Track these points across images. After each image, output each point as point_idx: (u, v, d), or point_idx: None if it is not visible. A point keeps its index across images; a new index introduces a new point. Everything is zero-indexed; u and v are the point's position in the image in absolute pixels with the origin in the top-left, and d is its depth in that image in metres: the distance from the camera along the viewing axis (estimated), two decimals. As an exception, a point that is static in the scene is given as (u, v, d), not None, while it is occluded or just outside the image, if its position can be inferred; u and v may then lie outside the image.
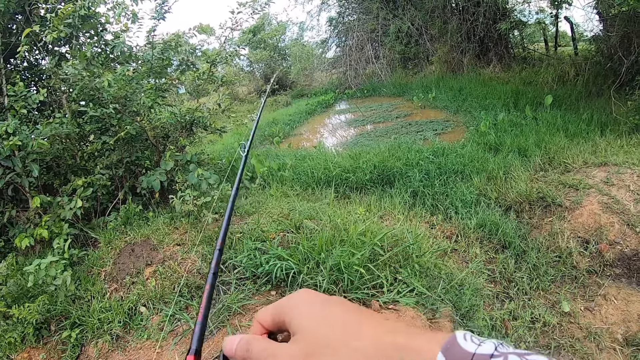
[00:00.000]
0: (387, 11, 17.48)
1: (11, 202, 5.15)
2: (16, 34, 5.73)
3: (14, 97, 5.00)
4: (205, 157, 6.14)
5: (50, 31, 5.06)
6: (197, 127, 6.17)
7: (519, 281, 3.96)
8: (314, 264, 3.63)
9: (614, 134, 6.64)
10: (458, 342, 0.38)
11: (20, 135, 4.53)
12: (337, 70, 21.70)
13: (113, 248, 4.55)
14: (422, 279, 3.47)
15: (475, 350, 0.37)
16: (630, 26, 8.50)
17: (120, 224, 5.07)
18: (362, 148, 8.28)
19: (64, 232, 4.51)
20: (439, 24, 15.52)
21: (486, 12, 13.54)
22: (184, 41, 6.46)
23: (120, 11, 5.75)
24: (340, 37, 21.15)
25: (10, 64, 5.95)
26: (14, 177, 4.77)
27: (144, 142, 5.89)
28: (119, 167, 5.60)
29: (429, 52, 16.99)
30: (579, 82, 10.28)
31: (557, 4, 11.17)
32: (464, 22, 14.69)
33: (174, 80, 5.98)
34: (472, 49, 14.97)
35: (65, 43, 5.87)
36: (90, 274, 4.27)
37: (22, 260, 4.51)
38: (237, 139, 11.93)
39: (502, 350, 0.36)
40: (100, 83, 4.87)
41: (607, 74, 9.51)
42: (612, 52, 9.19)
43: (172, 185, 5.35)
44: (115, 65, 5.91)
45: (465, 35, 14.92)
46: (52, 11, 5.42)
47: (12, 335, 3.54)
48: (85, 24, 5.49)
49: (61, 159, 5.48)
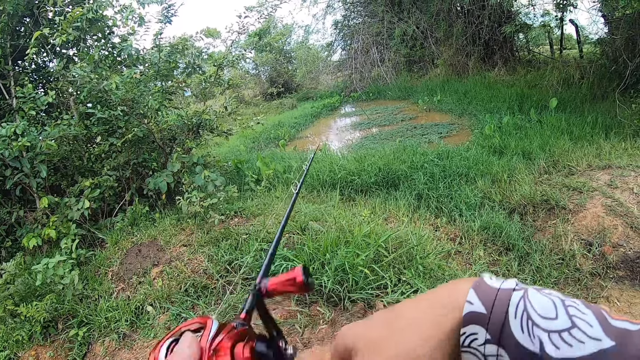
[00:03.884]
0: (392, 14, 17.52)
1: (19, 203, 5.20)
2: (24, 36, 5.79)
3: (22, 99, 5.06)
4: (211, 159, 6.19)
5: (59, 34, 5.11)
6: (203, 129, 6.22)
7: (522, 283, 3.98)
8: (319, 264, 3.66)
9: (618, 137, 6.63)
10: (485, 280, 0.48)
11: (29, 136, 4.58)
12: (343, 73, 21.75)
13: (120, 248, 4.60)
14: (426, 280, 3.50)
15: (500, 285, 0.46)
16: (634, 29, 8.49)
17: (127, 224, 5.12)
18: (367, 151, 8.30)
19: (72, 232, 4.56)
20: (444, 27, 15.54)
21: (491, 15, 13.56)
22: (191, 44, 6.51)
23: (128, 14, 5.81)
24: (345, 40, 21.19)
25: (19, 66, 6.01)
26: (22, 177, 4.83)
27: (151, 144, 5.94)
28: (126, 168, 5.65)
29: (434, 55, 17.00)
30: (583, 85, 10.25)
31: (562, 6, 11.17)
32: (469, 25, 14.70)
33: (181, 83, 6.03)
34: (477, 52, 14.98)
35: (73, 46, 5.93)
36: (98, 273, 4.31)
37: (30, 260, 4.56)
38: (243, 142, 11.98)
39: (522, 286, 0.46)
40: (108, 85, 4.92)
41: (611, 76, 9.48)
42: (617, 55, 9.16)
43: (179, 187, 5.40)
44: (122, 68, 5.97)
45: (471, 39, 14.93)
46: (60, 14, 5.48)
47: (19, 333, 3.59)
48: (93, 27, 5.55)
49: (69, 160, 5.54)
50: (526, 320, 0.42)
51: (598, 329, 0.39)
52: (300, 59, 26.36)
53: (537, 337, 0.40)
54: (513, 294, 0.45)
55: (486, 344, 0.44)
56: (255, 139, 12.54)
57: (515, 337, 0.42)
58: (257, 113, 18.60)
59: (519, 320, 0.42)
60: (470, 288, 0.47)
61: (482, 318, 0.44)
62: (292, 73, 26.87)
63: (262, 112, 19.18)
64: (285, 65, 26.79)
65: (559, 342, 0.39)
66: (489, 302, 0.44)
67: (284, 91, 25.19)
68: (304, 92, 25.00)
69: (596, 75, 10.10)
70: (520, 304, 0.43)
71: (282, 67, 26.37)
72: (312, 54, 25.98)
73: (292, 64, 27.51)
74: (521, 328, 0.42)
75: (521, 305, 0.43)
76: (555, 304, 0.42)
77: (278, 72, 26.06)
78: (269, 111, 20.53)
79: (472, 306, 0.45)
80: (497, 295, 0.45)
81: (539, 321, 0.41)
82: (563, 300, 0.43)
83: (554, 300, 0.43)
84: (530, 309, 0.42)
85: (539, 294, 0.44)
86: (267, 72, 26.86)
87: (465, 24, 14.84)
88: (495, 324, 0.43)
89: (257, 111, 20.01)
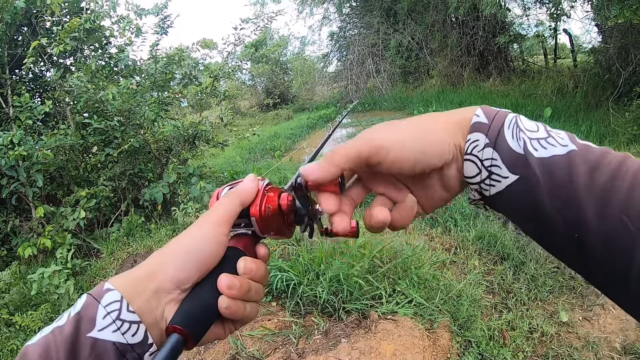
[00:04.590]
0: (387, 25, 17.61)
1: (15, 212, 5.20)
2: (22, 46, 5.81)
3: (19, 108, 5.07)
4: (207, 170, 6.20)
5: (57, 44, 5.13)
6: (199, 140, 6.23)
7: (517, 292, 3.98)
8: (314, 275, 3.66)
9: (612, 144, 6.66)
10: (489, 107, 0.59)
11: (26, 145, 4.59)
12: (339, 84, 21.78)
13: (116, 259, 4.60)
14: (421, 290, 3.50)
15: (500, 109, 0.57)
16: (627, 37, 8.56)
17: (122, 235, 5.11)
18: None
19: (67, 242, 4.55)
20: (439, 38, 15.62)
21: (485, 25, 13.63)
22: (187, 55, 6.54)
23: (125, 25, 5.84)
24: (341, 51, 21.28)
25: (16, 75, 6.03)
26: (18, 186, 4.83)
27: (147, 155, 5.95)
28: (122, 179, 5.66)
29: (429, 66, 17.08)
30: (577, 94, 10.29)
31: (556, 16, 11.25)
32: (464, 36, 14.79)
33: (177, 94, 6.05)
34: (472, 63, 15.06)
35: (70, 55, 5.95)
36: (93, 283, 4.31)
37: (25, 269, 4.55)
38: (239, 152, 11.98)
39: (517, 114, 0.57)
40: (105, 96, 4.93)
41: (605, 85, 9.53)
42: (611, 64, 9.21)
43: (175, 198, 5.41)
44: (119, 78, 5.99)
45: (465, 49, 15.01)
46: (57, 23, 5.50)
47: (14, 343, 3.58)
48: (91, 37, 5.59)
49: (65, 169, 5.54)
50: (516, 130, 0.54)
51: (567, 139, 0.52)
52: (296, 70, 26.42)
53: (522, 140, 0.52)
54: (508, 114, 0.56)
55: (485, 148, 0.54)
56: (251, 150, 12.54)
57: (507, 141, 0.53)
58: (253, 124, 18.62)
59: (510, 130, 0.54)
60: (479, 107, 0.58)
61: (484, 127, 0.55)
62: (289, 84, 26.93)
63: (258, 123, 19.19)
64: (282, 77, 26.86)
65: (537, 146, 0.52)
66: (490, 116, 0.56)
67: (280, 102, 25.22)
68: (300, 103, 25.00)
69: (590, 84, 10.14)
70: (513, 120, 0.55)
71: (278, 78, 26.43)
72: (308, 65, 26.05)
73: (288, 75, 27.58)
74: (512, 135, 0.53)
75: (513, 120, 0.55)
76: (538, 125, 0.55)
77: (274, 83, 26.11)
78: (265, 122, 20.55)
79: (478, 118, 0.56)
80: (497, 112, 0.56)
81: (525, 132, 0.53)
82: (545, 125, 0.55)
83: (537, 124, 0.55)
84: (520, 124, 0.54)
85: (528, 120, 0.56)
86: (264, 83, 26.90)
87: (460, 35, 14.92)
88: (493, 131, 0.54)
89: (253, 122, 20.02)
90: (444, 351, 2.97)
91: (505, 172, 0.53)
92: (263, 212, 0.65)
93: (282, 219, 0.68)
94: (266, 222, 0.66)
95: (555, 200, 0.49)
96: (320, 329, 3.21)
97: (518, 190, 0.52)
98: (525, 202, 0.52)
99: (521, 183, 0.52)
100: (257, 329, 3.29)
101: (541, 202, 0.50)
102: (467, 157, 0.56)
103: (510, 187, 0.53)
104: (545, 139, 0.53)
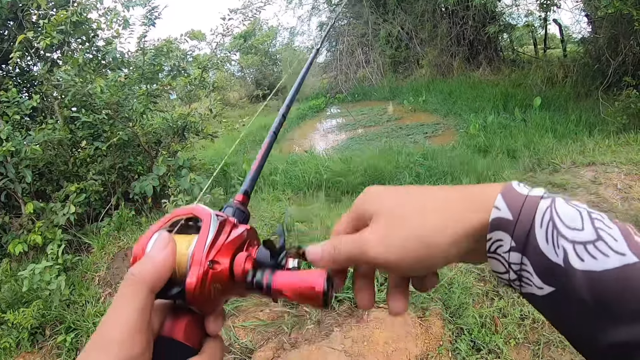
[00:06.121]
0: (377, 15, 17.55)
1: (4, 208, 5.15)
2: (8, 40, 5.74)
3: (6, 103, 5.00)
4: (197, 162, 6.17)
5: (43, 37, 5.07)
6: (188, 132, 6.19)
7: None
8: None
9: (601, 134, 6.72)
10: (513, 186, 0.47)
11: (14, 141, 4.54)
12: (328, 74, 21.68)
13: (106, 253, 4.58)
14: (413, 279, 3.52)
15: (528, 192, 0.46)
16: (617, 28, 8.60)
17: (113, 229, 5.09)
18: (353, 152, 8.33)
19: (58, 237, 4.51)
20: (429, 27, 15.59)
21: (475, 15, 13.62)
22: (175, 47, 6.50)
23: (113, 17, 5.77)
24: (330, 41, 21.20)
25: (2, 70, 5.96)
26: (7, 183, 4.78)
27: (136, 148, 5.91)
28: (111, 172, 5.62)
29: (419, 56, 17.05)
30: (567, 84, 10.36)
31: (546, 6, 11.27)
32: (454, 26, 14.77)
33: (166, 86, 6.01)
34: (462, 53, 15.06)
35: (57, 49, 5.88)
36: (84, 279, 4.29)
37: (16, 266, 4.52)
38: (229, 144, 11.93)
39: (551, 195, 0.46)
40: (92, 89, 4.89)
41: (595, 75, 9.60)
42: (600, 54, 9.27)
43: (165, 191, 5.38)
44: (107, 71, 5.93)
45: (455, 39, 15.00)
46: (44, 17, 5.43)
47: (7, 340, 3.56)
48: (77, 30, 5.52)
49: (54, 165, 5.49)
50: (552, 230, 0.42)
51: (623, 243, 0.39)
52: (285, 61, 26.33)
53: (562, 247, 0.41)
54: (540, 202, 0.44)
55: (511, 251, 0.44)
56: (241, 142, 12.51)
57: (540, 247, 0.42)
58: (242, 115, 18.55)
59: (544, 229, 0.42)
60: (499, 193, 0.46)
61: (508, 225, 0.44)
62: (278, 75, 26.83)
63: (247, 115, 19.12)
64: (271, 68, 26.74)
65: (583, 254, 0.40)
66: (516, 209, 0.44)
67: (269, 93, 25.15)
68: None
69: (580, 73, 10.21)
70: (547, 213, 0.43)
71: (268, 70, 26.31)
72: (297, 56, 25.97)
73: (278, 66, 27.46)
74: (546, 238, 0.42)
75: (547, 214, 0.43)
76: (582, 215, 0.42)
77: (263, 74, 26.00)
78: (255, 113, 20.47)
79: (499, 212, 0.45)
80: (525, 202, 0.45)
81: (565, 231, 0.41)
82: (590, 212, 0.43)
83: (580, 211, 0.43)
84: (557, 219, 0.42)
85: (566, 204, 0.44)
86: (253, 75, 26.77)
87: (450, 25, 14.90)
88: (520, 232, 0.43)
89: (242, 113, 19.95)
90: (437, 339, 2.99)
91: (539, 282, 0.43)
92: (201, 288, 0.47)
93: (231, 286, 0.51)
94: (205, 298, 0.48)
95: (603, 322, 0.39)
96: (312, 319, 3.22)
97: (556, 302, 0.43)
98: (566, 314, 0.43)
99: (558, 295, 0.42)
100: (250, 319, 3.30)
101: (587, 323, 0.41)
102: (491, 256, 0.47)
103: (545, 298, 0.44)
104: (594, 242, 0.40)
